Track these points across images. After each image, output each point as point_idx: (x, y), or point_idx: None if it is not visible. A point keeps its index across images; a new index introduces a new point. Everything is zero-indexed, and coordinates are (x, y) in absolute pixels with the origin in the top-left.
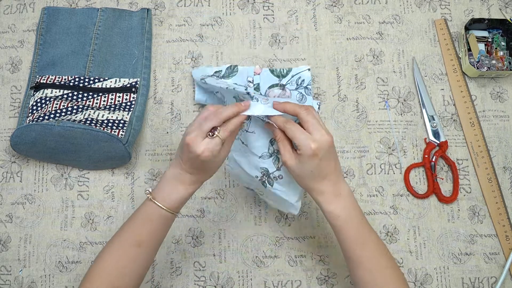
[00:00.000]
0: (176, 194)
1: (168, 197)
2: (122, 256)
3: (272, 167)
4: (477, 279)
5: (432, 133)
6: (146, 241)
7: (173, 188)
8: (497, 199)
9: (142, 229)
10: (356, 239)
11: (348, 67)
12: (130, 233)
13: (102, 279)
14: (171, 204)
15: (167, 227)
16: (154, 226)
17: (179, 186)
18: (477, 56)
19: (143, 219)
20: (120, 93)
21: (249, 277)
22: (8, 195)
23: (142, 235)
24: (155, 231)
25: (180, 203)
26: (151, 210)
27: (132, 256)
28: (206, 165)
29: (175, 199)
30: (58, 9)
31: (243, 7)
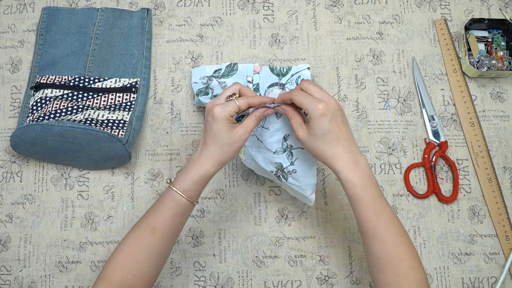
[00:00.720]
0: (192, 174)
1: (184, 180)
2: (137, 243)
3: (286, 161)
4: (477, 279)
5: (432, 133)
6: (161, 228)
7: (189, 170)
8: (497, 199)
9: (157, 216)
10: (373, 210)
11: (348, 67)
12: (146, 220)
13: (119, 267)
14: (186, 187)
15: (182, 216)
16: (169, 213)
17: (195, 166)
18: (477, 56)
19: (159, 205)
20: (120, 93)
21: (249, 277)
22: (8, 195)
23: (157, 222)
24: (171, 218)
25: (190, 186)
26: (168, 197)
27: (146, 243)
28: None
29: (190, 181)
30: (58, 9)
31: (243, 7)
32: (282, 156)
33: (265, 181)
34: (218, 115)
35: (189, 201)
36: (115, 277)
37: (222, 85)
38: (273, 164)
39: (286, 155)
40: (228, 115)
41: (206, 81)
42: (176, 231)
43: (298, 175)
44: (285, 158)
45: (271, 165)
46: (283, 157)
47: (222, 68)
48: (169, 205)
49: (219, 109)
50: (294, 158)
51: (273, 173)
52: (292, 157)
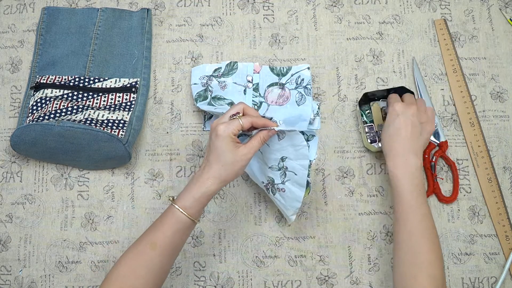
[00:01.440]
0: (194, 192)
1: (186, 197)
2: (137, 258)
3: (278, 179)
4: (477, 279)
5: (432, 133)
6: (161, 244)
7: (191, 187)
8: (497, 199)
9: (158, 232)
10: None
11: (348, 67)
12: (147, 236)
13: (119, 281)
14: (187, 204)
15: (183, 233)
16: (170, 229)
17: (197, 183)
18: (377, 126)
19: (160, 222)
20: (120, 93)
21: (249, 277)
22: (8, 195)
23: (157, 238)
24: (171, 235)
25: (192, 203)
26: (169, 213)
27: (146, 258)
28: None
29: (192, 198)
30: (58, 9)
31: (243, 7)
32: (275, 173)
33: None
34: (221, 133)
35: (190, 219)
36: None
37: (221, 85)
38: (266, 176)
39: (280, 173)
40: (231, 134)
41: (205, 81)
42: (177, 248)
43: (285, 194)
44: (278, 175)
45: (264, 176)
46: (277, 174)
47: (222, 67)
48: (170, 221)
49: (222, 128)
50: (286, 179)
51: (264, 184)
52: (285, 177)
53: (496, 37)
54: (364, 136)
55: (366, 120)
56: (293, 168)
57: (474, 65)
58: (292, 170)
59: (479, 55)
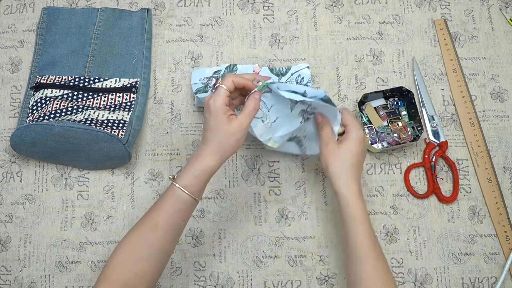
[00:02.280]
0: (193, 169)
1: (186, 175)
2: (138, 241)
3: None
4: (477, 279)
5: (432, 133)
6: (162, 224)
7: (191, 165)
8: (497, 199)
9: (159, 212)
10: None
11: (348, 67)
12: (147, 217)
13: (120, 265)
14: (188, 182)
15: (184, 212)
16: (171, 208)
17: (196, 161)
18: (378, 126)
19: (161, 202)
20: (120, 93)
21: (249, 277)
22: (8, 195)
23: (158, 218)
24: (172, 214)
25: (192, 181)
26: (169, 192)
27: (148, 240)
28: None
29: (192, 176)
30: (58, 9)
31: (243, 7)
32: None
33: (265, 181)
34: (212, 107)
35: (191, 197)
36: (116, 276)
37: None
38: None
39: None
40: (221, 105)
41: (206, 82)
42: (179, 228)
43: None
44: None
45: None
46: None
47: (221, 69)
48: (170, 200)
49: (211, 102)
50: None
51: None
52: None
53: (496, 37)
54: None
55: (365, 121)
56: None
57: (474, 65)
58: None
59: (479, 55)
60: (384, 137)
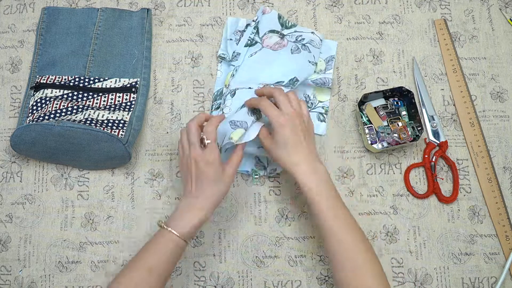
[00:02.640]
0: (192, 219)
1: (183, 225)
2: (133, 280)
3: None
4: (477, 279)
5: (432, 133)
6: (157, 267)
7: (187, 215)
8: (497, 199)
9: (153, 255)
10: (328, 211)
11: (348, 67)
12: (142, 260)
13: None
14: (185, 231)
15: (177, 255)
16: (167, 254)
17: (189, 213)
18: (378, 126)
19: (155, 245)
20: (120, 93)
21: (249, 277)
22: (8, 195)
23: (153, 261)
24: (167, 258)
25: (190, 229)
26: (162, 236)
27: (142, 281)
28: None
29: (191, 225)
30: (58, 9)
31: (243, 7)
32: None
33: (265, 181)
34: (212, 161)
35: (187, 243)
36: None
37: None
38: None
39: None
40: (218, 158)
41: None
42: (171, 269)
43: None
44: None
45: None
46: None
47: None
48: (166, 246)
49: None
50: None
51: None
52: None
53: (496, 37)
54: (364, 137)
55: (365, 121)
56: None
57: (474, 65)
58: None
59: (479, 55)
60: (384, 137)
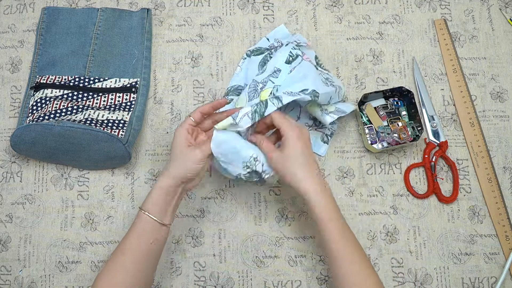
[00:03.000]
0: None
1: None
2: (112, 266)
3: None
4: (477, 279)
5: (432, 133)
6: (129, 247)
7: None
8: (497, 199)
9: (126, 236)
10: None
11: (348, 67)
12: (119, 244)
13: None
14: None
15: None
16: (136, 232)
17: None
18: (378, 126)
19: (130, 228)
20: (120, 93)
21: (249, 277)
22: (8, 195)
23: (125, 242)
24: (136, 236)
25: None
26: (136, 218)
27: (119, 265)
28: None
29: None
30: (58, 9)
31: (243, 7)
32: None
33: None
34: (176, 133)
35: (155, 220)
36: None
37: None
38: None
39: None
40: (184, 131)
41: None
42: (148, 252)
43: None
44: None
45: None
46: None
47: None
48: (136, 225)
49: (177, 128)
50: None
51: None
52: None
53: (496, 37)
54: (364, 137)
55: (365, 121)
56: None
57: (474, 65)
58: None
59: (479, 55)
60: (384, 137)
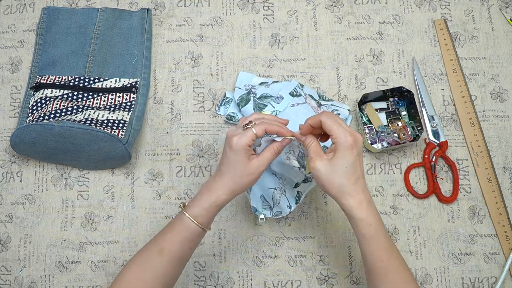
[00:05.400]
0: (203, 201)
1: (195, 206)
2: (144, 264)
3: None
4: (477, 279)
5: (432, 133)
6: (169, 250)
7: (201, 196)
8: (497, 199)
9: (166, 238)
10: (385, 249)
11: (348, 67)
12: (155, 242)
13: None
14: (197, 213)
15: (191, 241)
16: (179, 236)
17: (207, 193)
18: (378, 126)
19: (169, 228)
20: (120, 93)
21: (249, 277)
22: (8, 195)
23: (165, 244)
24: (179, 241)
25: (206, 213)
26: (178, 220)
27: (153, 264)
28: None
29: (201, 207)
30: (58, 9)
31: (243, 7)
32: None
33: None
34: (235, 145)
35: (200, 227)
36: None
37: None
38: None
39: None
40: (245, 145)
41: (249, 88)
42: (185, 256)
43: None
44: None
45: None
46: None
47: (268, 81)
48: (179, 228)
49: (236, 139)
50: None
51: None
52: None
53: (496, 37)
54: (364, 137)
55: (365, 121)
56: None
57: (474, 65)
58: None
59: (479, 55)
60: (384, 137)
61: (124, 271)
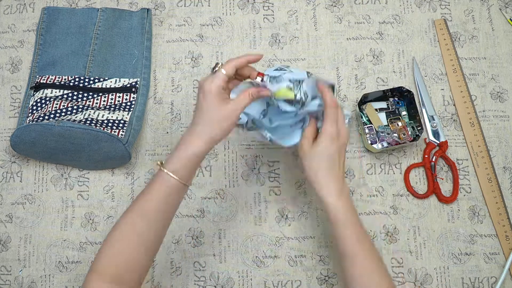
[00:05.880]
0: (181, 153)
1: (173, 160)
2: (128, 229)
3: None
4: (477, 279)
5: (432, 133)
6: (151, 211)
7: (178, 149)
8: (497, 199)
9: (148, 199)
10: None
11: (348, 67)
12: (136, 205)
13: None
14: (176, 167)
15: (174, 198)
16: (160, 195)
17: (183, 145)
18: (378, 126)
19: (150, 188)
20: (120, 93)
21: (249, 277)
22: (8, 195)
23: (147, 205)
24: (161, 200)
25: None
26: (158, 179)
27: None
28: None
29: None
30: (58, 9)
31: (243, 7)
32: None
33: (265, 181)
34: (207, 90)
35: (181, 182)
36: (107, 267)
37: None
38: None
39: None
40: (218, 87)
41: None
42: (169, 214)
43: None
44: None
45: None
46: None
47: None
48: (159, 187)
49: (207, 83)
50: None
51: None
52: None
53: (496, 37)
54: (364, 137)
55: (365, 121)
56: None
57: (474, 65)
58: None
59: (479, 55)
60: (384, 137)
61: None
